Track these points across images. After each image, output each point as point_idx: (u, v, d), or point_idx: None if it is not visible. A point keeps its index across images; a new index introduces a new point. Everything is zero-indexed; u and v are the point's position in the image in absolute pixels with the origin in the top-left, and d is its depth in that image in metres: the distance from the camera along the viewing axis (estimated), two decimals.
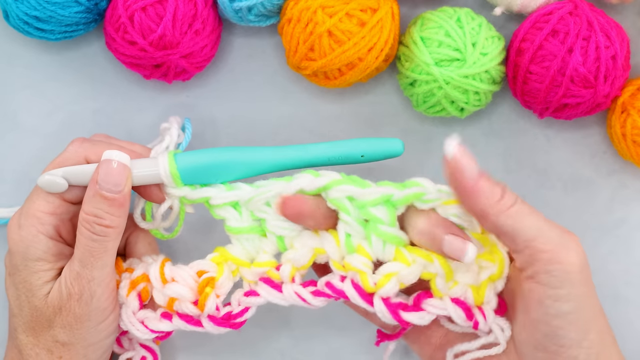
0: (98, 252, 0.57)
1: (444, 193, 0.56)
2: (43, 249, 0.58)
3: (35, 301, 0.58)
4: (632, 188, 0.66)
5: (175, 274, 0.59)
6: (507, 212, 0.54)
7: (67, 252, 0.59)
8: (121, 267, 0.61)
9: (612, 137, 0.64)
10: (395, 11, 0.63)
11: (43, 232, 0.58)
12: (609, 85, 0.61)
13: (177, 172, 0.58)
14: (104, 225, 0.57)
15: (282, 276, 0.59)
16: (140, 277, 0.60)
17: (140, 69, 0.64)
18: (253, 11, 0.63)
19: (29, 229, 0.58)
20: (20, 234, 0.58)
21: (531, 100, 0.63)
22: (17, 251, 0.58)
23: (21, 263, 0.58)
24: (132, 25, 0.62)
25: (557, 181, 0.67)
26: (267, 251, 0.59)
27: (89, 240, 0.57)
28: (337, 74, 0.63)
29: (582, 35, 0.61)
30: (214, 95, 0.67)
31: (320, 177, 0.57)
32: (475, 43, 0.61)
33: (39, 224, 0.58)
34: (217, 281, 0.59)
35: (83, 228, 0.57)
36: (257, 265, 0.59)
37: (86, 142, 0.59)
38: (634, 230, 0.66)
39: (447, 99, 0.62)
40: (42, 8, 0.62)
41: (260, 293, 0.59)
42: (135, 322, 0.59)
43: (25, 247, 0.58)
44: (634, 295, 0.66)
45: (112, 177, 0.57)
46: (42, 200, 0.58)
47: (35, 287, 0.58)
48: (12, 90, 0.67)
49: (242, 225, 0.59)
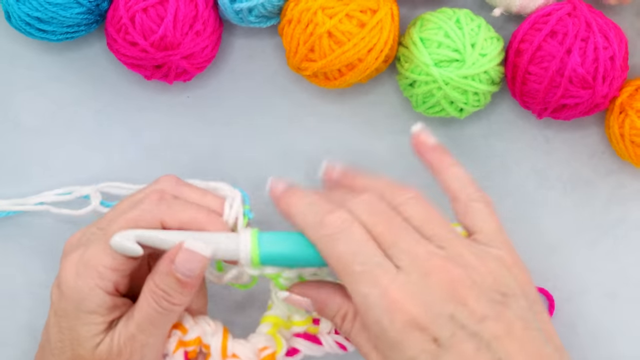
0: (159, 323, 0.56)
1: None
2: (98, 303, 0.56)
3: (81, 351, 0.56)
4: (630, 188, 0.67)
5: (237, 350, 0.58)
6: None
7: (120, 304, 0.57)
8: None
9: (611, 138, 0.64)
10: (394, 12, 0.63)
11: (102, 287, 0.56)
12: (608, 86, 0.62)
13: (259, 258, 0.56)
14: (172, 302, 0.56)
15: (321, 329, 0.59)
16: (194, 340, 0.58)
17: (141, 70, 0.64)
18: (253, 12, 0.64)
19: (87, 281, 0.55)
20: (77, 283, 0.56)
21: (530, 101, 0.63)
22: (71, 298, 0.56)
23: (72, 312, 0.56)
24: (133, 26, 0.62)
25: (555, 181, 0.67)
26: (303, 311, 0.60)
27: (153, 311, 0.56)
28: (337, 74, 0.63)
29: (581, 36, 0.61)
30: (215, 95, 0.67)
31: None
32: (475, 44, 0.62)
33: (98, 278, 0.55)
34: (278, 354, 0.59)
35: (150, 298, 0.56)
36: (298, 324, 0.60)
37: (162, 204, 0.57)
38: (632, 230, 0.66)
39: (446, 99, 0.62)
40: (43, 9, 0.63)
41: (301, 349, 0.60)
42: None
43: (80, 298, 0.55)
44: (632, 295, 0.66)
45: (189, 264, 0.56)
46: (108, 256, 0.56)
47: (83, 338, 0.56)
48: (14, 91, 0.68)
49: None
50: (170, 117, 0.67)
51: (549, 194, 0.67)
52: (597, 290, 0.66)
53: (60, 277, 0.56)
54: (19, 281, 0.67)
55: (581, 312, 0.66)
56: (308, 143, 0.67)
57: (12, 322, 0.67)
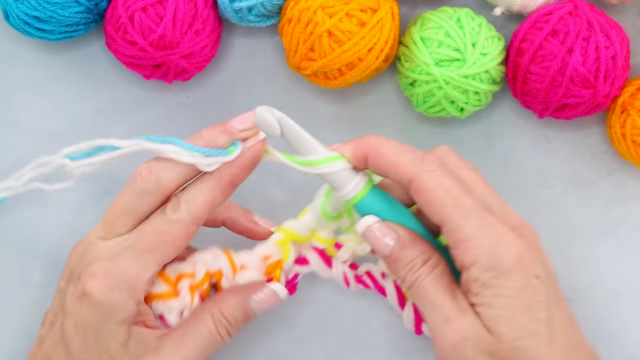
0: (212, 349, 0.58)
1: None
2: (130, 314, 0.56)
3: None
4: (632, 188, 0.66)
5: (244, 261, 0.60)
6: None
7: (143, 314, 0.57)
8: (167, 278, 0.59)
9: (612, 137, 0.64)
10: (395, 11, 0.63)
11: (135, 299, 0.56)
12: (609, 86, 0.61)
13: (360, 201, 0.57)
14: (230, 332, 0.58)
15: (338, 255, 0.61)
16: (204, 278, 0.59)
17: (140, 69, 0.64)
18: (253, 11, 0.63)
19: (121, 294, 0.55)
20: (108, 297, 0.55)
21: (531, 100, 0.63)
22: (99, 311, 0.55)
23: (99, 323, 0.55)
24: (132, 26, 0.62)
25: (557, 181, 0.67)
26: (330, 230, 0.61)
27: (212, 338, 0.58)
28: (337, 74, 0.63)
29: (582, 35, 0.61)
30: (214, 95, 0.67)
31: None
32: (475, 43, 0.61)
33: (132, 291, 0.55)
34: (284, 263, 0.60)
35: (212, 325, 0.58)
36: (320, 240, 0.60)
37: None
38: (634, 230, 0.66)
39: (447, 99, 0.62)
40: (42, 8, 0.63)
41: (310, 261, 0.61)
42: None
43: (111, 311, 0.55)
44: (634, 295, 0.66)
45: (267, 306, 0.59)
46: (140, 268, 0.56)
47: (112, 349, 0.56)
48: (12, 91, 0.67)
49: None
50: (169, 117, 0.67)
51: (550, 194, 0.66)
52: (599, 290, 0.66)
53: (85, 290, 0.55)
54: (16, 281, 0.66)
55: (583, 313, 0.65)
56: None
57: (8, 322, 0.66)
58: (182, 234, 0.56)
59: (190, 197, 0.57)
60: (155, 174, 0.57)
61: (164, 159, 0.57)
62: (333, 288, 0.66)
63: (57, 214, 0.66)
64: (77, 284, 0.56)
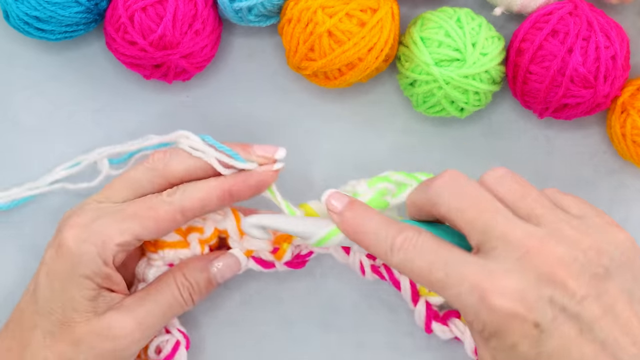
0: (173, 312, 0.60)
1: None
2: (95, 270, 0.57)
3: (74, 314, 0.57)
4: (632, 188, 0.66)
5: None
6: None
7: (112, 279, 0.58)
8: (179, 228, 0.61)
9: (612, 137, 0.64)
10: (395, 11, 0.63)
11: (102, 257, 0.57)
12: (609, 86, 0.61)
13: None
14: (193, 296, 0.60)
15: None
16: (212, 234, 0.61)
17: (140, 69, 0.64)
18: (253, 11, 0.63)
19: (89, 247, 0.57)
20: (78, 247, 0.57)
21: (531, 101, 0.63)
22: (68, 261, 0.57)
23: (66, 273, 0.57)
24: (132, 26, 0.62)
25: (557, 181, 0.67)
26: None
27: (174, 299, 0.59)
28: (337, 74, 0.63)
29: (582, 35, 0.61)
30: (214, 95, 0.67)
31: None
32: (475, 43, 0.61)
33: (101, 247, 0.57)
34: (295, 239, 0.61)
35: (175, 286, 0.59)
36: None
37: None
38: (634, 230, 0.66)
39: (447, 99, 0.62)
40: (42, 8, 0.63)
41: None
42: None
43: (78, 262, 0.57)
44: None
45: (228, 274, 0.61)
46: (116, 230, 0.57)
47: (77, 302, 0.57)
48: (12, 90, 0.67)
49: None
50: (169, 117, 0.67)
51: None
52: None
53: (61, 239, 0.58)
54: (16, 280, 0.66)
55: None
56: (308, 143, 0.67)
57: None
58: (167, 217, 0.58)
59: (188, 189, 0.59)
60: (167, 159, 0.59)
61: (182, 151, 0.60)
62: (333, 287, 0.66)
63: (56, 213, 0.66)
64: (56, 235, 0.59)
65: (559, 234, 0.51)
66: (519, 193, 0.53)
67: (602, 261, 0.50)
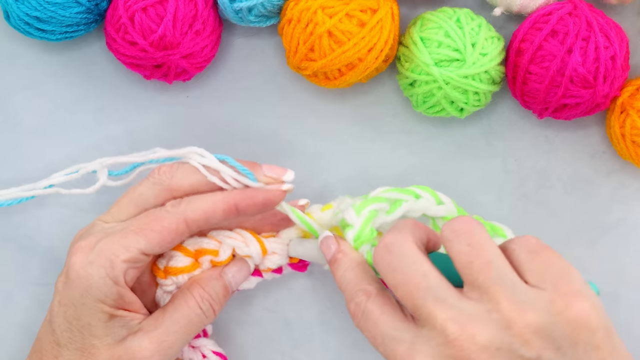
0: (195, 326, 0.58)
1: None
2: (106, 292, 0.56)
3: (94, 340, 0.56)
4: (631, 188, 0.67)
5: (274, 247, 0.61)
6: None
7: (126, 299, 0.57)
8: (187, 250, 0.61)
9: (612, 137, 0.64)
10: (395, 12, 0.63)
11: (112, 276, 0.56)
12: (608, 86, 0.62)
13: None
14: (214, 307, 0.59)
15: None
16: (227, 259, 0.61)
17: (140, 70, 0.64)
18: (253, 12, 0.63)
19: (98, 269, 0.56)
20: (86, 271, 0.56)
21: (531, 101, 0.63)
22: (78, 286, 0.56)
23: (78, 299, 0.56)
24: (133, 26, 0.62)
25: (556, 181, 0.67)
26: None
27: (193, 313, 0.58)
28: (337, 74, 0.63)
29: (582, 35, 0.61)
30: (214, 95, 0.67)
31: (442, 205, 0.60)
32: (475, 43, 0.62)
33: (110, 267, 0.56)
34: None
35: (192, 299, 0.58)
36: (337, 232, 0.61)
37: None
38: (633, 230, 0.66)
39: (446, 99, 0.62)
40: (42, 8, 0.63)
41: None
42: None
43: (88, 286, 0.56)
44: (633, 295, 0.66)
45: (241, 279, 0.61)
46: (121, 247, 0.56)
47: (95, 328, 0.56)
48: (13, 90, 0.67)
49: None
50: (169, 117, 0.67)
51: (550, 194, 0.66)
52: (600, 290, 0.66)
53: (69, 264, 0.57)
54: (15, 280, 0.66)
55: None
56: (308, 143, 0.67)
57: (8, 321, 0.66)
58: (171, 227, 0.57)
59: (193, 200, 0.58)
60: (173, 173, 0.58)
61: (188, 165, 0.59)
62: (332, 287, 0.66)
63: (56, 213, 0.67)
64: (66, 262, 0.58)
65: (490, 314, 0.48)
66: (467, 257, 0.50)
67: (535, 344, 0.47)
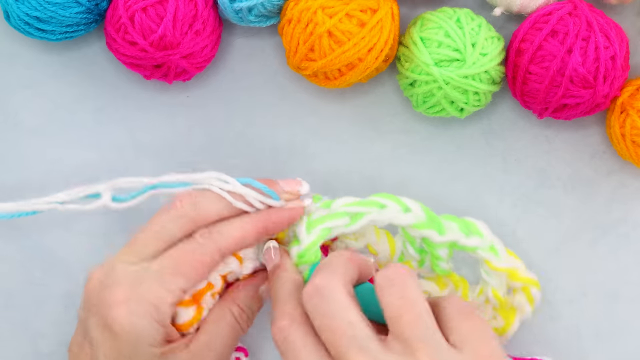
0: (233, 343, 0.58)
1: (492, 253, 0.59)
2: (157, 337, 0.55)
3: None
4: (632, 188, 0.67)
5: (246, 254, 0.60)
6: None
7: (171, 333, 0.56)
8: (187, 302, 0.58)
9: (612, 137, 0.64)
10: (395, 12, 0.63)
11: (159, 321, 0.55)
12: (608, 86, 0.62)
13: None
14: (249, 323, 0.59)
15: (334, 247, 0.62)
16: (222, 284, 0.59)
17: (140, 70, 0.64)
18: (253, 12, 0.63)
19: (147, 320, 0.54)
20: (133, 322, 0.54)
21: (531, 101, 0.63)
22: (126, 338, 0.54)
23: (130, 350, 0.54)
24: (133, 26, 0.62)
25: (556, 181, 0.67)
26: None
27: (232, 331, 0.58)
28: (337, 74, 0.63)
29: (582, 35, 0.61)
30: (214, 95, 0.67)
31: (409, 213, 0.58)
32: (475, 43, 0.62)
33: (156, 312, 0.54)
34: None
35: (232, 319, 0.58)
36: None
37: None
38: (634, 230, 0.66)
39: (446, 99, 0.62)
40: (42, 8, 0.63)
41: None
42: None
43: (138, 336, 0.54)
44: (633, 294, 0.66)
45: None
46: (164, 292, 0.55)
47: None
48: (13, 90, 0.67)
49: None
50: (169, 117, 0.67)
51: (550, 194, 0.66)
52: (599, 290, 0.66)
53: (112, 319, 0.54)
54: (15, 280, 0.66)
55: (583, 313, 0.66)
56: (308, 143, 0.67)
57: (8, 321, 0.66)
58: (205, 260, 0.56)
59: (223, 228, 0.57)
60: (195, 200, 0.57)
61: (209, 191, 0.57)
62: None
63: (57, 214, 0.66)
64: (100, 313, 0.55)
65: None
66: (397, 311, 0.51)
67: None
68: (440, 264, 0.60)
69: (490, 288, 0.60)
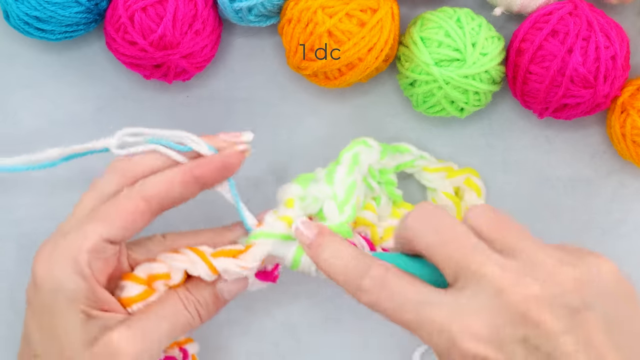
0: (179, 327, 0.56)
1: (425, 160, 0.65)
2: (76, 290, 0.53)
3: (68, 352, 0.53)
4: (632, 188, 0.67)
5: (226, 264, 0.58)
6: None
7: (100, 296, 0.54)
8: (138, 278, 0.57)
9: (612, 137, 0.64)
10: (395, 11, 0.63)
11: (78, 272, 0.53)
12: (609, 86, 0.62)
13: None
14: (200, 311, 0.57)
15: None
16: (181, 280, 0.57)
17: (140, 69, 0.64)
18: (253, 11, 0.63)
19: (63, 268, 0.53)
20: (51, 272, 0.53)
21: (531, 101, 0.63)
22: (47, 290, 0.53)
23: (50, 304, 0.53)
24: (133, 26, 0.62)
25: (556, 181, 0.67)
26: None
27: (177, 312, 0.56)
28: (337, 74, 0.63)
29: (582, 35, 0.61)
30: (214, 95, 0.67)
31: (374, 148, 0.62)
32: (475, 43, 0.62)
33: (74, 262, 0.53)
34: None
35: (179, 301, 0.56)
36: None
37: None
38: (634, 230, 0.66)
39: (447, 99, 0.62)
40: (42, 8, 0.63)
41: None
42: None
43: (57, 287, 0.53)
44: None
45: (236, 290, 0.58)
46: (80, 237, 0.54)
47: (70, 332, 0.53)
48: (12, 90, 0.67)
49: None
50: (169, 117, 0.67)
51: (550, 194, 0.66)
52: None
53: (34, 274, 0.54)
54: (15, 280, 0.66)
55: None
56: (308, 143, 0.67)
57: (8, 321, 0.66)
58: (130, 207, 0.55)
59: (149, 178, 0.56)
60: (129, 157, 0.58)
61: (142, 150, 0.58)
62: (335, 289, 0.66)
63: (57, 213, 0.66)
64: (31, 270, 0.55)
65: (535, 267, 0.49)
66: (496, 225, 0.51)
67: (581, 293, 0.48)
68: (395, 190, 0.63)
69: (441, 193, 0.64)
